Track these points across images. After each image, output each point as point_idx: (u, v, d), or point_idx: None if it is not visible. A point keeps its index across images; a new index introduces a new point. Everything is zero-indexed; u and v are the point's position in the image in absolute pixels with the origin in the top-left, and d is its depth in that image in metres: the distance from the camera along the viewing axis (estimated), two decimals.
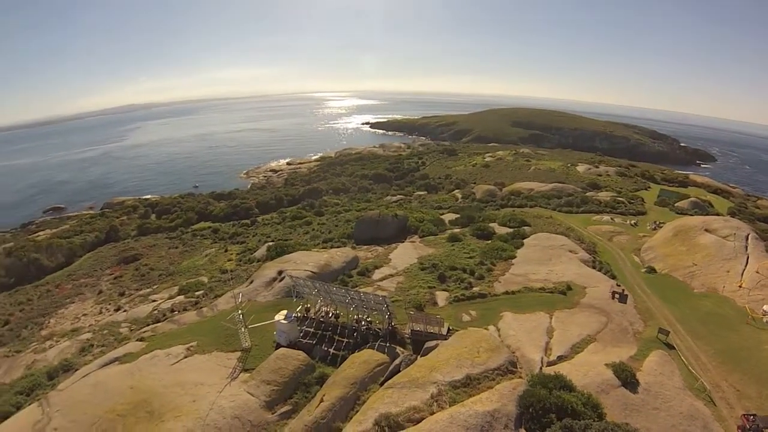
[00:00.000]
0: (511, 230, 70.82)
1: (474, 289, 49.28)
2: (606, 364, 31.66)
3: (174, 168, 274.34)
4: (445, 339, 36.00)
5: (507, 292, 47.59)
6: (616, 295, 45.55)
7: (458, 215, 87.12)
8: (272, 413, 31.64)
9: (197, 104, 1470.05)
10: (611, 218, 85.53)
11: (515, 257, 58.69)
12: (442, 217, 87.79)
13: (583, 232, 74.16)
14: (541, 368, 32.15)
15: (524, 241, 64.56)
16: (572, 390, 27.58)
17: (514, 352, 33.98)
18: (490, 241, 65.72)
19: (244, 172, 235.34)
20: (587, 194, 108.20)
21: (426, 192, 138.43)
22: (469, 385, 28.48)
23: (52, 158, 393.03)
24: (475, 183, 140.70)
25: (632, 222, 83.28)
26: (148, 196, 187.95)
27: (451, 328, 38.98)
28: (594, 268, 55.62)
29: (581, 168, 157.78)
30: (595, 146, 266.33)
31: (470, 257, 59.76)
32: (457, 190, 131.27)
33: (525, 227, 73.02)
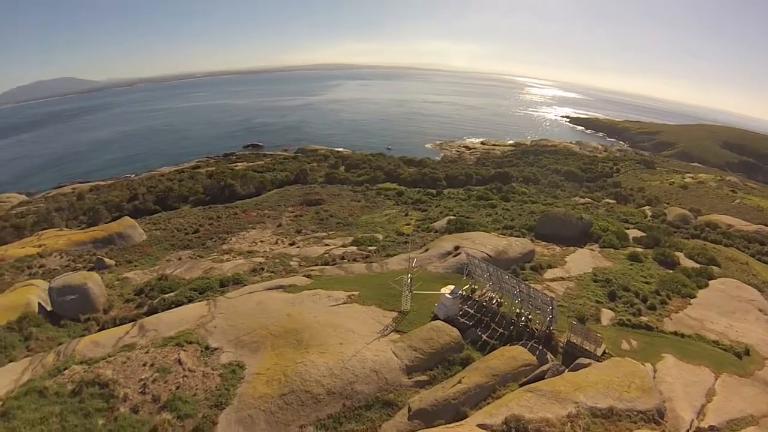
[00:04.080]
0: (698, 266, 63.65)
1: (642, 317, 45.63)
2: None
3: (368, 127, 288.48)
4: (598, 360, 34.36)
5: (676, 333, 43.01)
6: None
7: (644, 234, 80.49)
8: (409, 378, 32.57)
9: (399, 71, 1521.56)
10: None
11: (695, 297, 52.74)
12: (626, 231, 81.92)
13: None
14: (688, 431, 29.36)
15: (709, 282, 57.48)
16: None
17: (664, 401, 31.38)
18: (671, 271, 60.18)
19: (438, 143, 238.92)
20: None
21: (615, 201, 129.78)
22: (609, 418, 27.16)
23: (259, 102, 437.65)
24: (668, 203, 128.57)
25: None
26: (340, 149, 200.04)
27: (606, 351, 36.86)
28: None
29: None
30: None
31: (647, 282, 55.40)
32: (647, 207, 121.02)
33: (714, 267, 65.13)
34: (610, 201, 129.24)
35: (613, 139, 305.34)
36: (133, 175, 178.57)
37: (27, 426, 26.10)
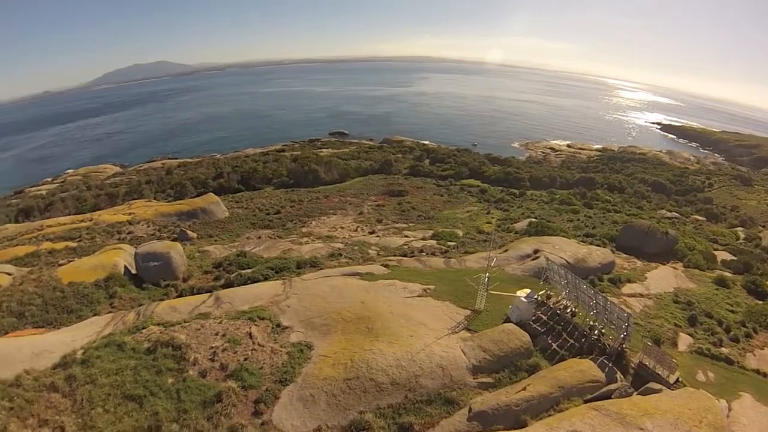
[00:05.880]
0: None
1: (722, 348, 42.79)
2: None
3: (453, 122, 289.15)
4: (670, 388, 32.66)
5: (758, 371, 39.82)
6: None
7: (734, 257, 75.93)
8: (474, 378, 32.20)
9: (485, 66, 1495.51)
10: None
11: None
12: (715, 252, 77.37)
13: None
14: None
15: None
16: None
17: None
18: (761, 302, 55.92)
19: (523, 142, 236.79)
20: None
21: (705, 218, 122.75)
22: None
23: (344, 90, 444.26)
24: (764, 226, 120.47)
25: None
26: (426, 142, 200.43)
27: (680, 379, 34.95)
28: None
29: None
30: None
31: (732, 311, 51.90)
32: (740, 228, 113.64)
33: None
34: (700, 218, 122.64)
35: (707, 151, 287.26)
36: (219, 155, 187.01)
37: (103, 374, 28.75)
